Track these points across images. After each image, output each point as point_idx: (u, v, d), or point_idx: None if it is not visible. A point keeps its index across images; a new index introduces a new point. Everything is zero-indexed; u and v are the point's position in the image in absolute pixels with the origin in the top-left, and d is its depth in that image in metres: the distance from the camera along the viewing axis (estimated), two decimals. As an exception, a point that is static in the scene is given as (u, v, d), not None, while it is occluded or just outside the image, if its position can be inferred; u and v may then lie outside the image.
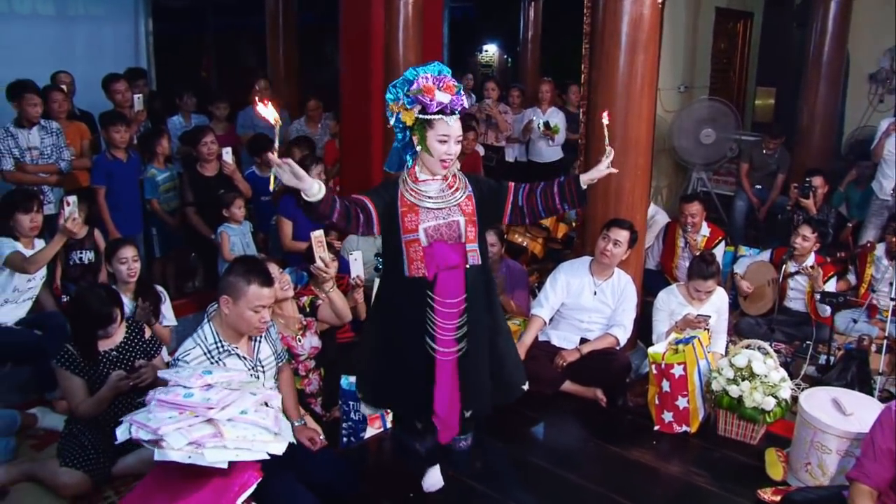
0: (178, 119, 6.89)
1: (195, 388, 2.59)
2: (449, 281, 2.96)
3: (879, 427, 2.71)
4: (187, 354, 2.99)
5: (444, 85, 2.82)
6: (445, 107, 2.81)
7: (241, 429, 2.53)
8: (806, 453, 3.43)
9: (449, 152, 2.86)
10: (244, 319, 3.04)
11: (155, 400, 2.56)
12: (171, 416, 2.49)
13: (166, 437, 2.42)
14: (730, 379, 3.87)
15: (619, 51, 4.43)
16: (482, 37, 13.46)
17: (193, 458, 2.42)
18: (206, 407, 2.52)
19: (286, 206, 5.46)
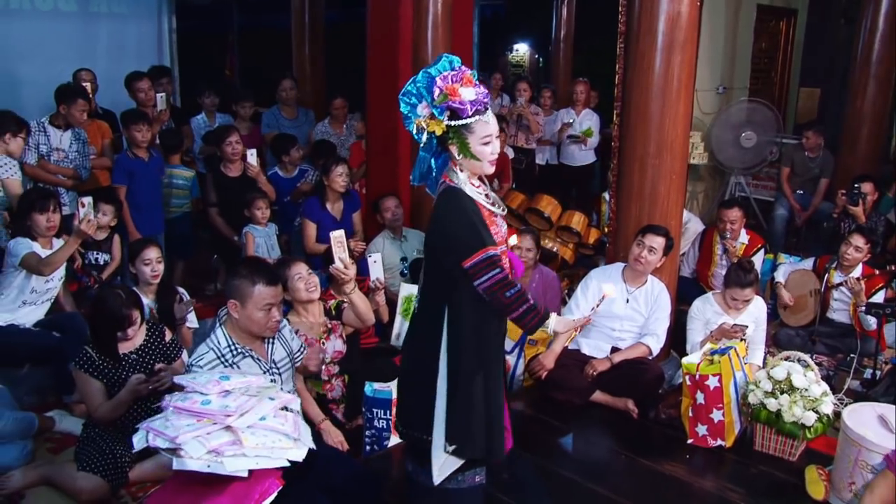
0: (201, 118, 6.97)
1: (212, 395, 2.60)
2: None
3: None
4: (201, 359, 3.03)
5: (464, 79, 2.69)
6: (479, 105, 2.69)
7: (260, 436, 2.55)
8: (850, 472, 3.38)
9: (495, 151, 2.76)
10: (254, 321, 3.07)
11: (172, 407, 2.59)
12: (189, 424, 2.51)
13: (185, 446, 2.44)
14: (768, 392, 3.83)
15: (656, 50, 4.40)
16: (513, 36, 13.45)
17: (213, 466, 2.44)
18: (224, 414, 2.54)
19: (310, 208, 5.51)
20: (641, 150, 4.50)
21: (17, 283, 4.31)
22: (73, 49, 7.46)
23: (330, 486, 3.04)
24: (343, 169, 5.48)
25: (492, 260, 2.66)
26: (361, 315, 3.93)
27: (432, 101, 2.68)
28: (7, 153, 4.82)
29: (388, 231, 5.64)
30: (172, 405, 2.59)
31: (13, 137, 4.82)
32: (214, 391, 2.61)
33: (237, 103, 7.01)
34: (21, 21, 7.35)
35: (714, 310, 4.55)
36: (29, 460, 3.66)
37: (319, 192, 5.55)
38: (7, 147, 4.82)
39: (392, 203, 5.58)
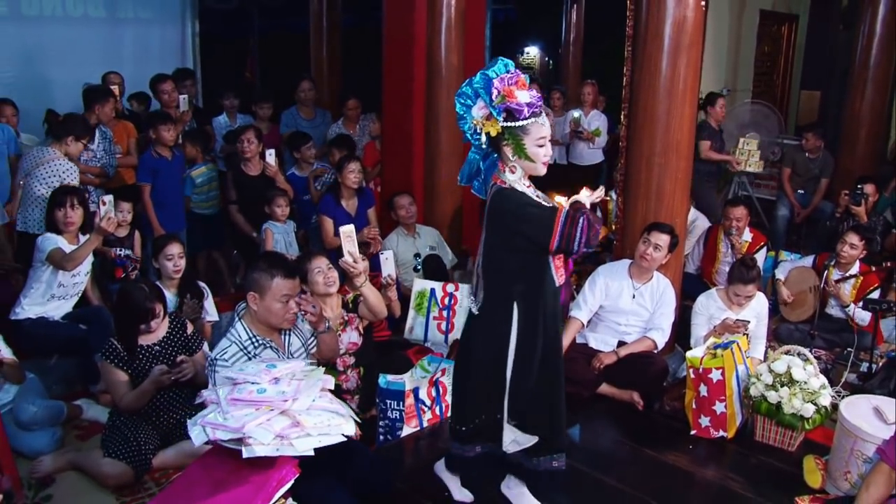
0: (223, 119, 6.98)
1: (265, 383, 2.62)
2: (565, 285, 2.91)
3: None
4: (224, 353, 3.03)
5: (519, 82, 2.69)
6: (535, 108, 2.68)
7: (315, 416, 2.58)
8: (845, 462, 3.36)
9: (548, 153, 2.77)
10: (273, 312, 3.08)
11: (227, 399, 2.59)
12: (248, 414, 2.52)
13: (253, 435, 2.45)
14: (769, 385, 3.81)
15: (662, 53, 4.38)
16: (524, 39, 13.39)
17: (282, 450, 2.47)
18: (282, 400, 2.56)
19: (326, 205, 5.51)
20: (648, 150, 4.48)
21: (45, 278, 4.32)
22: (102, 52, 7.53)
23: (345, 474, 3.04)
24: (356, 166, 5.48)
25: (569, 217, 2.67)
26: (373, 308, 3.94)
27: (491, 101, 2.67)
28: (66, 154, 4.87)
29: (401, 228, 5.64)
30: (229, 398, 2.59)
31: (75, 141, 4.87)
32: (266, 379, 2.63)
33: (256, 104, 7.02)
34: (53, 26, 7.42)
35: (717, 305, 4.53)
36: (58, 446, 3.69)
37: (334, 190, 5.56)
38: (67, 149, 4.88)
39: (406, 201, 5.58)
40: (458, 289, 5.10)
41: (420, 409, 3.92)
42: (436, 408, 4.01)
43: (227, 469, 2.65)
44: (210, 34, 9.14)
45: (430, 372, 4.04)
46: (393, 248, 5.26)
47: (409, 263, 5.57)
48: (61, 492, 3.39)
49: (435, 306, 5.04)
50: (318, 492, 2.88)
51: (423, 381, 3.95)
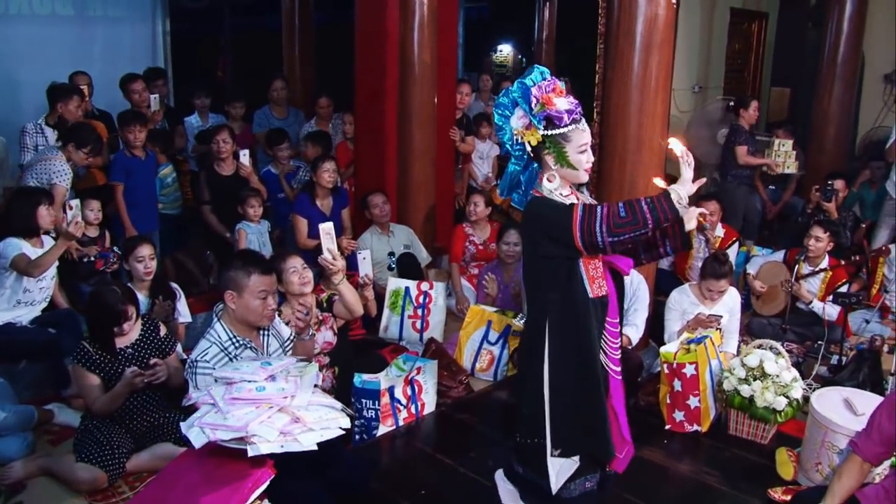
0: (194, 118, 6.92)
1: (262, 381, 2.61)
2: (614, 299, 2.77)
3: (887, 412, 2.75)
4: (205, 354, 3.00)
5: (556, 89, 2.62)
6: (575, 114, 2.62)
7: (313, 411, 2.59)
8: (817, 453, 3.41)
9: (590, 159, 2.68)
10: (251, 310, 3.06)
11: (226, 399, 2.57)
12: (249, 412, 2.51)
13: (257, 433, 2.44)
14: (741, 378, 3.85)
15: (634, 51, 4.41)
16: (496, 37, 13.42)
17: (286, 446, 2.47)
18: (282, 397, 2.56)
19: (300, 204, 5.49)
20: (621, 147, 4.51)
21: (9, 284, 4.25)
22: (70, 52, 7.40)
23: (321, 474, 3.03)
24: (331, 165, 5.47)
25: (587, 208, 2.56)
26: (350, 305, 3.93)
27: (530, 110, 2.62)
28: (70, 160, 4.86)
29: (375, 227, 5.63)
30: (227, 398, 2.57)
31: (76, 150, 4.83)
32: (262, 377, 2.62)
33: (229, 103, 6.97)
34: (19, 25, 7.28)
35: (690, 300, 4.57)
36: (29, 452, 3.63)
37: (309, 189, 5.53)
38: (70, 155, 4.84)
39: (379, 199, 5.57)
40: (433, 287, 5.11)
41: (395, 408, 3.91)
42: (411, 406, 4.00)
43: (203, 471, 2.63)
44: (181, 33, 9.06)
45: (405, 371, 4.03)
46: (367, 246, 5.25)
47: (383, 262, 5.56)
48: (33, 498, 3.35)
49: (409, 305, 5.05)
50: (295, 492, 2.86)
51: (399, 379, 3.95)
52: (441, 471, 3.61)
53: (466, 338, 4.75)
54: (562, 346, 2.71)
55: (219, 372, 2.75)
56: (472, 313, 4.82)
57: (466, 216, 5.78)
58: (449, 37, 6.30)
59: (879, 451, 2.77)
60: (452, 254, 5.78)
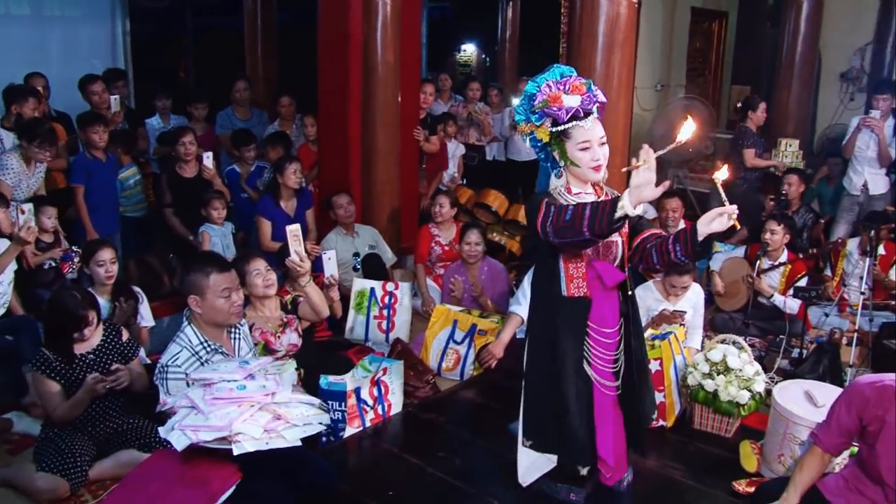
0: (156, 120, 6.83)
1: (242, 380, 2.61)
2: (605, 307, 2.70)
3: (846, 403, 2.80)
4: (176, 359, 2.97)
5: (571, 87, 2.62)
6: (577, 111, 2.60)
7: (294, 407, 2.61)
8: (779, 445, 3.46)
9: (595, 157, 2.62)
10: (218, 309, 3.04)
11: (207, 400, 2.55)
12: (231, 411, 2.51)
13: (242, 431, 2.45)
14: (705, 374, 3.89)
15: (596, 50, 4.44)
16: (460, 36, 13.44)
17: (271, 443, 2.49)
18: (264, 395, 2.57)
19: (264, 206, 5.45)
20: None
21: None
22: (27, 52, 7.27)
23: (287, 478, 3.01)
24: (297, 166, 5.45)
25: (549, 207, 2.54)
26: (316, 307, 3.90)
27: (531, 106, 2.64)
28: (26, 157, 4.78)
29: (340, 227, 5.61)
30: (208, 398, 2.55)
31: (28, 145, 4.74)
32: (242, 376, 2.63)
33: (191, 105, 6.89)
34: (-27, 26, 7.14)
35: (654, 297, 4.60)
36: (-13, 462, 3.56)
37: (272, 190, 5.49)
38: (26, 151, 4.77)
39: (344, 200, 5.55)
40: (398, 287, 5.10)
41: (362, 409, 3.90)
42: (378, 407, 3.99)
43: (168, 477, 2.60)
44: (142, 33, 8.93)
45: (372, 371, 4.02)
46: (332, 247, 5.22)
47: (348, 263, 5.54)
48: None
49: (375, 305, 5.03)
50: (261, 496, 2.84)
51: (365, 380, 3.93)
52: (409, 471, 3.59)
53: (432, 337, 4.74)
54: (536, 339, 2.76)
55: (197, 373, 2.74)
56: (437, 313, 4.82)
57: (432, 217, 5.78)
58: (412, 37, 6.30)
59: (838, 441, 2.82)
60: (418, 254, 5.77)
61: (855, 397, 2.78)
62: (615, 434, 2.72)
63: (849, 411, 2.78)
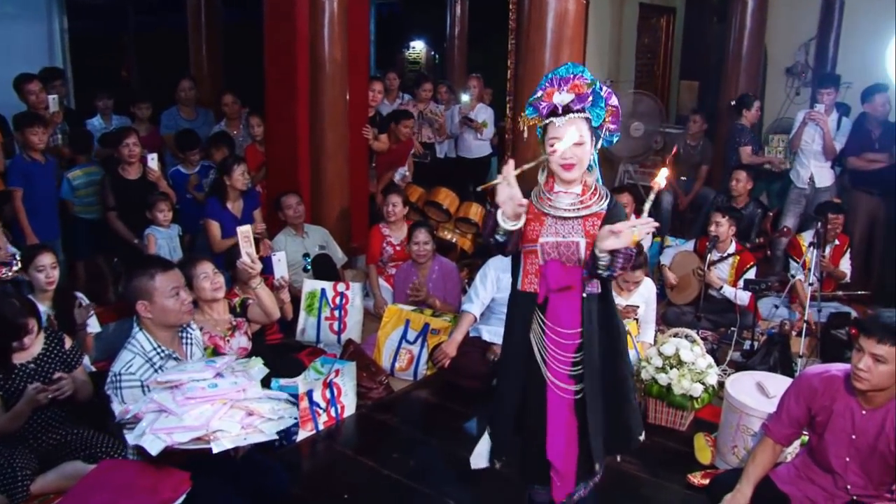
0: (97, 121, 6.70)
1: (212, 378, 2.61)
2: (562, 307, 2.64)
3: (795, 394, 2.89)
4: (129, 366, 2.91)
5: (570, 85, 2.58)
6: (555, 107, 2.57)
7: (265, 402, 2.63)
8: (732, 437, 3.52)
9: (564, 156, 2.56)
10: (169, 310, 2.99)
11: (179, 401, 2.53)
12: (206, 410, 2.50)
13: (220, 427, 2.45)
14: (658, 368, 3.94)
15: (545, 46, 4.47)
16: (409, 33, 13.42)
17: (249, 438, 2.51)
18: (236, 391, 2.57)
19: (211, 208, 5.37)
20: (534, 143, 4.54)
21: None
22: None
23: (240, 483, 2.97)
24: (244, 168, 5.38)
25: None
26: (267, 309, 3.87)
27: (531, 101, 2.65)
28: None
29: (289, 228, 5.56)
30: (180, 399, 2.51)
31: None
32: (211, 375, 2.62)
33: (134, 104, 6.77)
34: None
35: (607, 292, 4.64)
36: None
37: (219, 192, 5.41)
38: None
39: (293, 200, 5.50)
40: (349, 288, 5.08)
41: (315, 412, 3.87)
42: (331, 409, 3.97)
43: (115, 488, 2.56)
44: (80, 31, 8.74)
45: (324, 374, 3.99)
46: (282, 248, 5.17)
47: (298, 264, 5.50)
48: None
49: (326, 306, 5.00)
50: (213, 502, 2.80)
51: (317, 383, 3.90)
52: (363, 473, 3.58)
53: (385, 338, 4.73)
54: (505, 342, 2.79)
55: (163, 376, 2.71)
56: (389, 313, 4.82)
57: (385, 216, 5.76)
58: (360, 34, 6.26)
59: (788, 432, 2.90)
60: (369, 255, 5.75)
61: (803, 388, 2.85)
62: (567, 440, 2.66)
63: (797, 402, 2.85)
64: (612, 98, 2.64)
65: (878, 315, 2.67)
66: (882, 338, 2.57)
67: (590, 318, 2.63)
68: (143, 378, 2.90)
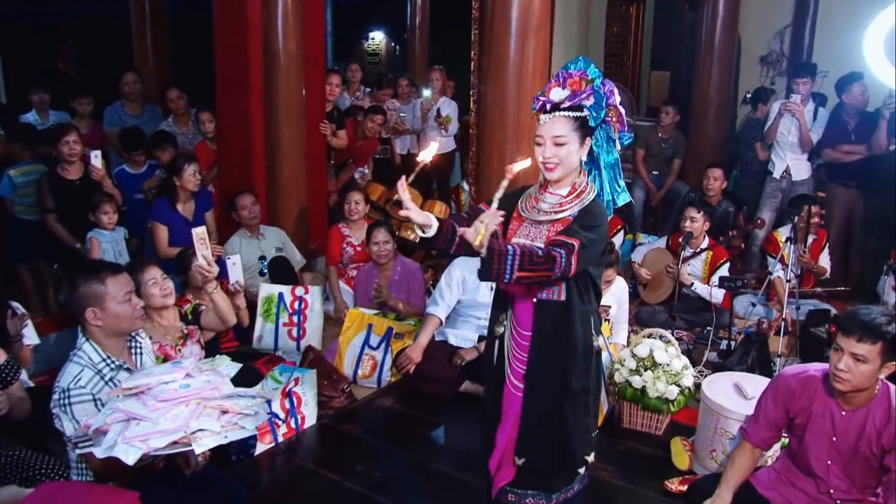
0: (32, 116, 6.57)
1: (183, 379, 2.59)
2: (522, 309, 2.72)
3: (772, 396, 2.92)
4: (79, 380, 2.85)
5: (570, 80, 2.61)
6: (544, 104, 2.62)
7: (238, 400, 2.62)
8: (710, 440, 3.56)
9: (545, 154, 2.61)
10: (122, 316, 2.94)
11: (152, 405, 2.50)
12: (182, 411, 2.49)
13: (201, 426, 2.45)
14: (632, 370, 3.98)
15: (510, 36, 4.48)
16: (368, 23, 13.40)
17: (230, 435, 2.51)
18: (210, 389, 2.57)
19: (160, 209, 5.31)
20: (499, 137, 4.58)
21: None
22: None
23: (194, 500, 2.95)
24: (195, 168, 5.32)
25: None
26: (223, 315, 3.84)
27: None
28: None
29: (244, 230, 5.52)
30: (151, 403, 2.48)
31: None
32: (181, 376, 2.60)
33: (75, 99, 6.65)
34: None
35: (577, 292, 4.67)
36: None
37: (169, 193, 5.35)
38: None
39: (248, 200, 5.46)
40: (308, 292, 5.06)
41: (274, 424, 3.85)
42: (290, 420, 3.95)
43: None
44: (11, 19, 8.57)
45: (283, 382, 3.97)
46: (237, 251, 5.14)
47: (254, 267, 5.46)
48: None
49: (284, 312, 4.98)
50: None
51: (276, 392, 3.89)
52: (326, 487, 3.58)
53: (346, 343, 4.72)
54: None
55: (129, 382, 2.66)
56: (351, 317, 4.80)
57: (346, 215, 5.75)
58: (316, 24, 6.23)
59: (767, 435, 2.94)
60: (329, 256, 5.73)
61: (780, 390, 2.89)
62: (510, 435, 2.77)
63: (775, 404, 2.89)
64: (615, 97, 2.65)
65: (855, 312, 2.69)
66: (861, 336, 2.59)
67: (542, 323, 2.68)
68: (95, 391, 2.85)
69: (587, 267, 2.59)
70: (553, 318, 2.67)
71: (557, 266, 2.43)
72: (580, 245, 2.47)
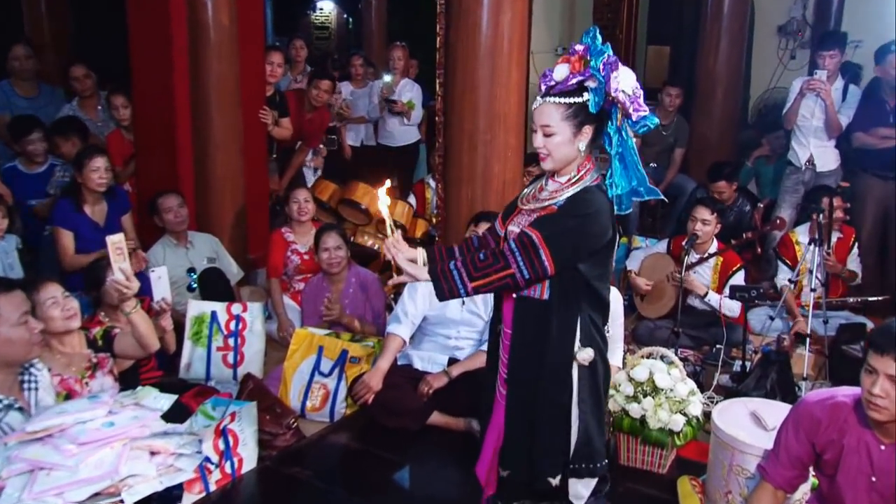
0: None
1: (105, 417, 2.62)
2: (505, 305, 2.90)
3: (793, 427, 2.86)
4: None
5: (572, 59, 2.73)
6: (545, 85, 2.75)
7: (172, 438, 2.72)
8: (724, 480, 3.54)
9: (535, 144, 2.77)
10: (15, 341, 2.93)
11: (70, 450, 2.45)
12: (106, 454, 2.52)
13: (133, 472, 2.50)
14: (629, 396, 3.97)
15: (482, 7, 4.50)
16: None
17: (166, 480, 2.59)
18: (139, 426, 2.62)
19: (62, 212, 5.23)
20: (470, 125, 4.58)
21: None
22: None
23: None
24: (102, 162, 5.23)
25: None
26: (143, 340, 3.80)
27: None
28: None
29: (169, 237, 5.48)
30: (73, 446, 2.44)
31: None
32: (102, 413, 2.63)
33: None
34: None
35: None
36: None
37: (72, 193, 5.29)
38: None
39: (173, 202, 5.42)
40: (247, 309, 5.02)
41: (205, 469, 3.78)
42: (225, 464, 3.90)
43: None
44: None
45: (216, 419, 3.92)
46: (160, 262, 5.09)
47: (181, 281, 5.42)
48: None
49: (218, 334, 4.94)
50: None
51: (207, 431, 3.83)
52: (268, 543, 3.55)
53: (293, 370, 4.69)
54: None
55: (33, 425, 2.62)
56: (297, 338, 4.77)
57: (294, 215, 5.72)
58: (253, -9, 6.22)
59: (790, 474, 2.87)
60: (270, 266, 5.71)
61: (803, 419, 2.82)
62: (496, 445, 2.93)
63: (797, 437, 2.82)
64: (615, 81, 2.68)
65: (890, 326, 2.59)
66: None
67: (522, 323, 2.82)
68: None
69: (576, 264, 2.70)
70: (534, 318, 2.79)
71: (513, 263, 2.62)
72: (544, 237, 2.62)
